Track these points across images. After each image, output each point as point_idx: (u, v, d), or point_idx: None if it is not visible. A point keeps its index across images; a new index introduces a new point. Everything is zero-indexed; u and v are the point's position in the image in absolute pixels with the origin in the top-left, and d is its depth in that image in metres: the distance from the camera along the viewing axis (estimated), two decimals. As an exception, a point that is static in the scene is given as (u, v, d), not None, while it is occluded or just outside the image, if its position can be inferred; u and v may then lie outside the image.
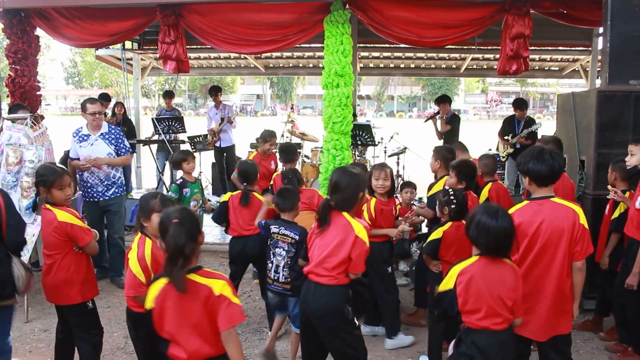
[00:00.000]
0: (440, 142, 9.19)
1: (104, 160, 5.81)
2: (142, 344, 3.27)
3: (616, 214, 4.53)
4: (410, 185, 5.96)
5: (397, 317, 4.70)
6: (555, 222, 3.12)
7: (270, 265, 4.08)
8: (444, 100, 9.25)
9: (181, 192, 5.49)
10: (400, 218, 4.79)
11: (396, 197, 5.29)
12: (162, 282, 2.52)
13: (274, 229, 4.07)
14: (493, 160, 5.15)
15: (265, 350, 4.14)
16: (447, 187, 4.20)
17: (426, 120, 9.86)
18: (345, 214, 3.30)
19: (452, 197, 4.01)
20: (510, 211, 3.11)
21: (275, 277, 4.03)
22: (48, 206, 3.61)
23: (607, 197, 4.59)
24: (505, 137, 8.72)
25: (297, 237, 3.95)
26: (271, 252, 4.08)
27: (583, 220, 3.15)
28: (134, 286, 3.09)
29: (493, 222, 2.79)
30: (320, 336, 3.33)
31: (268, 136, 6.58)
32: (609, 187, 4.52)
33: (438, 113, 9.19)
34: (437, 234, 4.02)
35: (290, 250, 3.98)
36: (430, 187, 5.00)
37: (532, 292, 3.16)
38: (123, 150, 5.96)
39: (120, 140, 5.95)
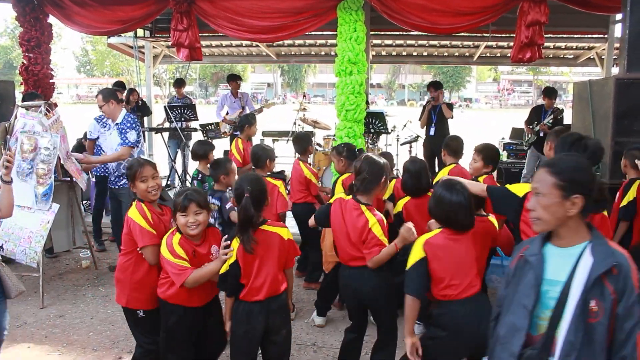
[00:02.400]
0: (423, 130, 9.12)
1: (93, 160, 5.98)
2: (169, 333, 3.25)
3: (624, 202, 4.46)
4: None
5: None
6: None
7: None
8: (439, 86, 9.08)
9: (202, 187, 5.29)
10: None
11: None
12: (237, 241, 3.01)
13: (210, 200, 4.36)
14: (458, 143, 5.02)
15: None
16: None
17: (424, 106, 9.38)
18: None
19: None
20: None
21: None
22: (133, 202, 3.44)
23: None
24: (530, 126, 8.65)
25: (218, 203, 4.29)
26: None
27: None
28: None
29: (448, 195, 2.97)
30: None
31: (253, 119, 6.52)
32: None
33: (432, 99, 8.93)
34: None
35: (218, 217, 4.32)
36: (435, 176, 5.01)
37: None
38: (121, 143, 5.66)
39: (123, 132, 5.66)
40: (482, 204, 3.45)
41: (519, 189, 3.16)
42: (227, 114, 9.53)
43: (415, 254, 2.95)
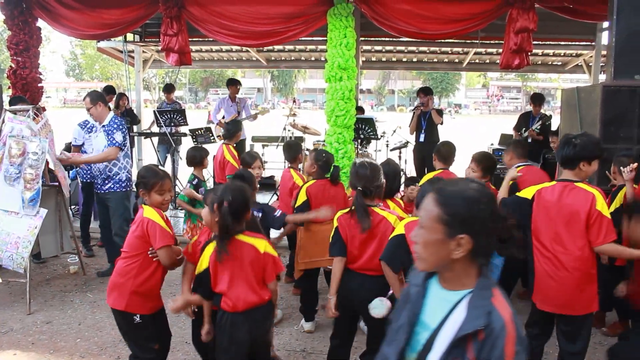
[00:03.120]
0: (413, 136, 9.05)
1: (80, 160, 5.88)
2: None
3: (612, 209, 4.50)
4: (415, 181, 5.89)
5: None
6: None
7: None
8: (429, 92, 9.02)
9: (197, 192, 5.34)
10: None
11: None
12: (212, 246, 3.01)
13: None
14: (449, 149, 5.09)
15: None
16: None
17: (413, 110, 9.27)
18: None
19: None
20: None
21: None
22: (143, 205, 3.42)
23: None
24: (519, 132, 8.72)
25: (259, 215, 4.21)
26: None
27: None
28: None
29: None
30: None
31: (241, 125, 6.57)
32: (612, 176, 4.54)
33: (421, 105, 8.78)
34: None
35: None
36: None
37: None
38: (108, 144, 5.64)
39: (110, 133, 5.65)
40: None
41: (527, 192, 3.23)
42: (224, 117, 9.55)
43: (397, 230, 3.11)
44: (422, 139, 8.75)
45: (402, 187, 5.70)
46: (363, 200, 3.45)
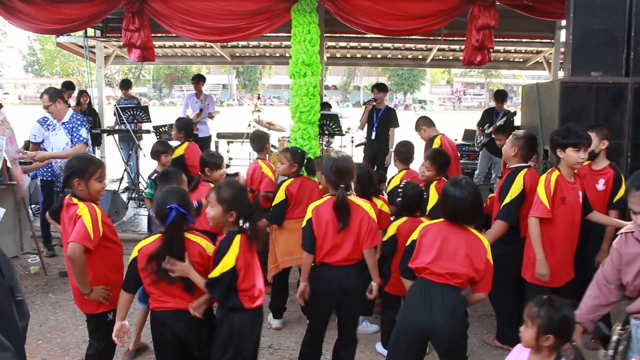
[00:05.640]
0: (363, 132, 8.92)
1: (47, 155, 5.72)
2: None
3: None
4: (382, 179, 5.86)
5: (370, 306, 4.72)
6: None
7: None
8: (384, 89, 8.85)
9: (157, 187, 5.29)
10: None
11: None
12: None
13: None
14: (408, 149, 5.07)
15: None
16: (405, 181, 4.23)
17: (364, 104, 9.02)
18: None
19: (399, 191, 4.06)
20: None
21: None
22: (75, 200, 3.23)
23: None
24: (482, 128, 8.84)
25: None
26: None
27: None
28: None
29: (457, 191, 2.97)
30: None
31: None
32: None
33: (374, 100, 8.54)
34: (391, 230, 4.08)
35: None
36: (389, 181, 5.05)
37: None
38: (75, 140, 5.64)
39: (75, 130, 5.64)
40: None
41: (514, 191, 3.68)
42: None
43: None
44: (373, 136, 8.53)
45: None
46: (346, 197, 3.41)
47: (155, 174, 5.31)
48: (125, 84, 10.41)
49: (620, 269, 2.76)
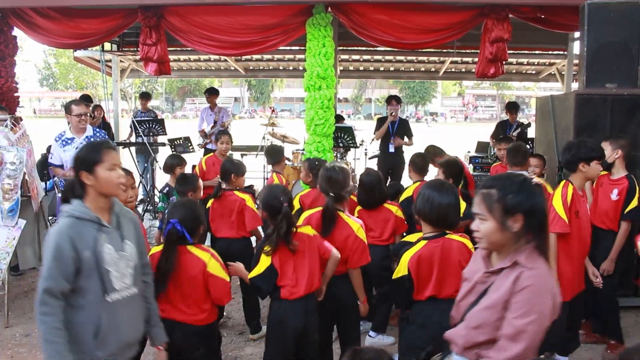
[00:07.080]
0: (377, 143, 8.95)
1: None
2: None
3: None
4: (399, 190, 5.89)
5: (387, 317, 4.75)
6: None
7: None
8: (400, 101, 8.89)
9: (169, 200, 5.34)
10: None
11: None
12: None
13: None
14: (423, 160, 5.13)
15: None
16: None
17: (382, 118, 9.04)
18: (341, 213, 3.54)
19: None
20: None
21: None
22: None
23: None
24: (495, 140, 8.83)
25: None
26: None
27: None
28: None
29: (437, 195, 2.94)
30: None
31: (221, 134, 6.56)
32: None
33: (392, 114, 8.59)
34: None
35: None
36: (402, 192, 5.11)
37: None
38: None
39: None
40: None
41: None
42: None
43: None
44: (391, 149, 8.56)
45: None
46: (334, 207, 3.53)
47: (167, 188, 5.38)
48: (145, 96, 10.56)
49: None
